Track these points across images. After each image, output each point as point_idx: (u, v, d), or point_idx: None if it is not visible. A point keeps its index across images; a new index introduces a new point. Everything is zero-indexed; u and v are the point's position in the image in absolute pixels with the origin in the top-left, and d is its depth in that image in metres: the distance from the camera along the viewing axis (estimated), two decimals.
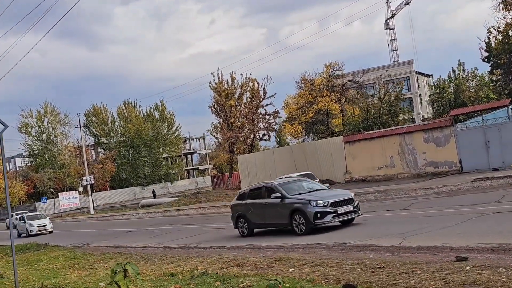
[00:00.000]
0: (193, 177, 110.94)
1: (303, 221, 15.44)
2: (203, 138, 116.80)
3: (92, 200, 59.83)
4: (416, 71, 79.80)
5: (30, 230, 35.88)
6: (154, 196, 74.99)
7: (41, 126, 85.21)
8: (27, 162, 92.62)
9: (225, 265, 11.84)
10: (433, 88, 41.83)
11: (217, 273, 10.54)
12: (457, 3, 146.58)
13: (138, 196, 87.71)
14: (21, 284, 13.41)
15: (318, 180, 29.02)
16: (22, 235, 37.16)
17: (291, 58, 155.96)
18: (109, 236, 28.00)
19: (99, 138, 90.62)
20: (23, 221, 37.28)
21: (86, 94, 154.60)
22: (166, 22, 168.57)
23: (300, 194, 16.51)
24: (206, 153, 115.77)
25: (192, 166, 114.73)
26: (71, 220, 52.23)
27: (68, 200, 66.68)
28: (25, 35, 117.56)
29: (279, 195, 16.41)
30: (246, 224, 18.04)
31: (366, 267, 9.21)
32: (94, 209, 58.87)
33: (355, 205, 15.99)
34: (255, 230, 18.07)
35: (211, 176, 77.82)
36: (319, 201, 15.42)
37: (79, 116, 61.70)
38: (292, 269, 10.13)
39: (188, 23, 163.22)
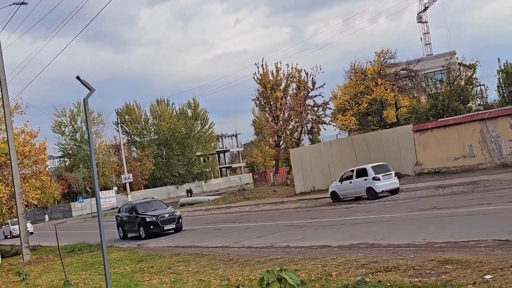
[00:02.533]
0: (226, 175, 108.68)
1: None
2: (236, 136, 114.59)
3: (131, 199, 57.72)
4: (458, 63, 76.20)
5: None
6: (191, 195, 72.82)
7: (75, 125, 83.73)
8: (60, 162, 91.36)
9: (368, 270, 9.15)
10: (500, 73, 38.50)
11: (379, 281, 7.85)
12: None
13: (173, 195, 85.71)
14: None
15: (393, 171, 26.22)
16: None
17: (316, 56, 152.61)
18: (164, 235, 25.52)
19: (132, 137, 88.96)
20: None
21: (112, 96, 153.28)
22: (191, 23, 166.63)
23: None
24: (238, 151, 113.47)
25: (225, 164, 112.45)
26: (110, 219, 50.04)
27: (105, 199, 65.02)
28: (51, 39, 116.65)
29: None
30: None
31: None
32: None
33: None
34: None
35: (252, 173, 75.19)
36: None
37: (117, 112, 59.73)
38: (490, 276, 7.37)
39: (213, 24, 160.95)
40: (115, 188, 68.93)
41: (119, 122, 59.73)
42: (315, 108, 45.89)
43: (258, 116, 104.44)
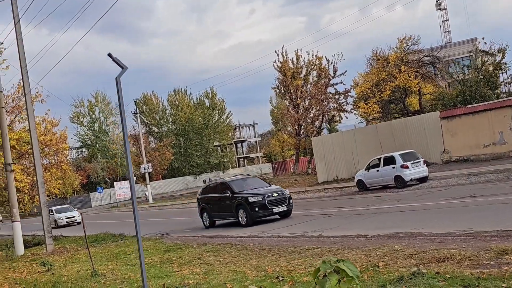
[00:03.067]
0: (244, 165, 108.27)
1: None
2: (253, 126, 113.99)
3: (150, 189, 57.57)
4: (480, 50, 74.43)
5: None
6: None
7: (93, 115, 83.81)
8: (78, 153, 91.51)
9: (418, 261, 8.54)
10: None
11: (437, 273, 7.24)
12: None
13: (191, 185, 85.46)
14: (133, 286, 10.50)
15: (422, 159, 25.50)
16: None
17: (332, 45, 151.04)
18: (186, 225, 25.05)
19: (150, 127, 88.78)
20: None
21: (129, 87, 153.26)
22: (206, 14, 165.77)
23: None
24: (256, 141, 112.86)
25: (243, 154, 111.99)
26: (130, 209, 49.89)
27: (124, 189, 64.80)
28: (67, 30, 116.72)
29: None
30: None
31: None
32: (152, 198, 56.62)
33: None
34: None
35: (272, 162, 74.64)
36: None
37: (135, 101, 59.47)
38: None
39: (227, 14, 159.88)
40: (133, 178, 68.65)
41: (137, 112, 59.35)
42: (337, 96, 45.16)
43: (275, 105, 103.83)
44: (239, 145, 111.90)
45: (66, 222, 37.90)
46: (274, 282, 8.85)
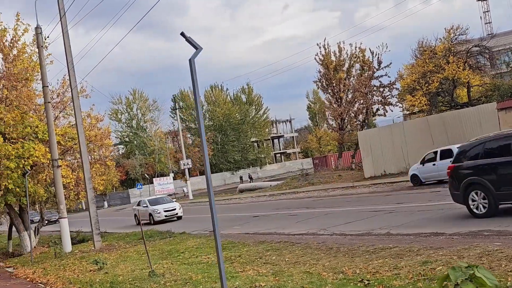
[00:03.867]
0: (281, 161, 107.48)
1: None
2: (290, 121, 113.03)
3: (190, 185, 57.22)
4: None
5: None
6: (251, 180, 72.08)
7: (131, 112, 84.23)
8: (116, 150, 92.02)
9: None
10: None
11: None
12: None
13: (228, 181, 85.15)
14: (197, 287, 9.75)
15: None
16: None
17: (367, 40, 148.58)
18: (234, 221, 24.33)
19: (187, 123, 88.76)
20: None
21: (165, 84, 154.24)
22: (239, 10, 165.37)
23: None
24: (293, 136, 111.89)
25: (280, 150, 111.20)
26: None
27: (163, 185, 64.79)
28: (105, 30, 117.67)
29: None
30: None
31: None
32: (192, 194, 56.29)
33: None
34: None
35: (313, 158, 73.63)
36: None
37: (174, 97, 59.23)
38: None
39: (261, 10, 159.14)
40: (171, 174, 68.72)
41: (176, 108, 59.13)
42: (381, 89, 43.83)
43: (312, 100, 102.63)
44: (275, 140, 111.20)
45: (165, 216, 30.65)
46: (360, 286, 7.96)
